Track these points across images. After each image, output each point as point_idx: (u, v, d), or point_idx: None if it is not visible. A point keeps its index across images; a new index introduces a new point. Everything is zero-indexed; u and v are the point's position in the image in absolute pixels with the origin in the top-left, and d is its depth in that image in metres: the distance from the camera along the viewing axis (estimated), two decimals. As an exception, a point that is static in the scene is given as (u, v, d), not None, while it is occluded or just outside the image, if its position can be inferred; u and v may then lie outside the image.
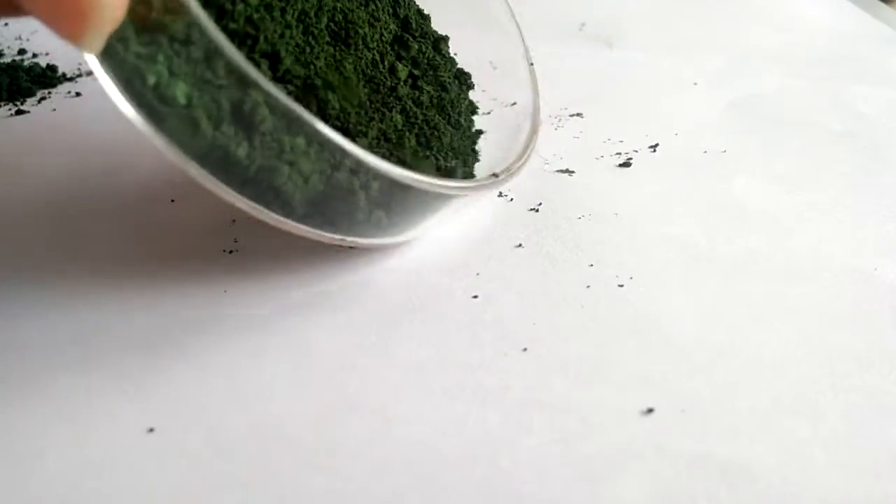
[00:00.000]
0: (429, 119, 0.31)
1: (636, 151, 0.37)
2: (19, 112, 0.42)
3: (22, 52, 0.50)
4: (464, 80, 0.35)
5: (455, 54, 0.36)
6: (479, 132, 0.34)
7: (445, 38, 0.36)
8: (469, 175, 0.31)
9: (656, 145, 0.37)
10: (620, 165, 0.36)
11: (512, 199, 0.33)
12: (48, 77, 0.45)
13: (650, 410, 0.23)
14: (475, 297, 0.28)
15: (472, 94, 0.36)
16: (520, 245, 0.31)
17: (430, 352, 0.25)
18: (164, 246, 0.31)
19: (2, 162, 0.37)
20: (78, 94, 0.44)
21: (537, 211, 0.33)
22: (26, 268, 0.30)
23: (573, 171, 0.35)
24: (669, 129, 0.39)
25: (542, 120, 0.33)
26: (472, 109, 0.35)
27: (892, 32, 0.49)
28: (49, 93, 0.44)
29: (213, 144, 0.24)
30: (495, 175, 0.29)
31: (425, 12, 0.35)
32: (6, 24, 0.54)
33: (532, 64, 0.36)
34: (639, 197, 0.33)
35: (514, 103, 0.35)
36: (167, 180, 0.34)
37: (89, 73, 0.46)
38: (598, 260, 0.29)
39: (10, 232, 0.32)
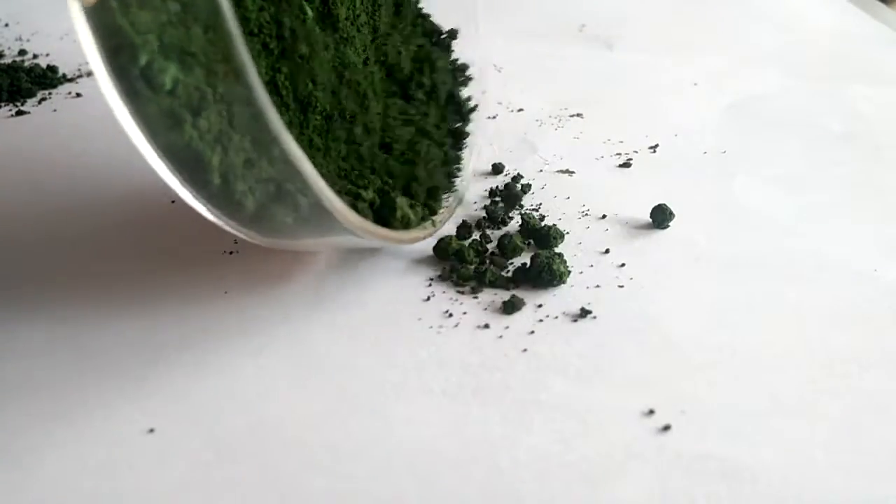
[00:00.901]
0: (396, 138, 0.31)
1: (636, 151, 0.37)
2: (20, 113, 0.42)
3: (22, 52, 0.50)
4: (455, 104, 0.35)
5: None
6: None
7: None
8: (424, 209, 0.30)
9: (656, 145, 0.37)
10: (620, 165, 0.36)
11: (512, 200, 0.33)
12: (48, 78, 0.46)
13: (650, 411, 0.23)
14: (475, 297, 0.28)
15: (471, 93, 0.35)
16: (520, 245, 0.30)
17: (430, 352, 0.25)
18: (165, 247, 0.31)
19: (2, 162, 0.37)
20: (78, 95, 0.44)
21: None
22: (26, 268, 0.30)
23: (573, 172, 0.35)
24: (669, 130, 0.39)
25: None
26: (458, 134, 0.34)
27: (892, 32, 0.49)
28: (49, 93, 0.44)
29: (187, 145, 0.22)
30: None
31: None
32: (6, 25, 0.54)
33: (485, 92, 0.35)
34: (639, 197, 0.33)
35: (521, 109, 0.34)
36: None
37: (90, 74, 0.46)
38: (598, 260, 0.29)
39: (10, 232, 0.32)
